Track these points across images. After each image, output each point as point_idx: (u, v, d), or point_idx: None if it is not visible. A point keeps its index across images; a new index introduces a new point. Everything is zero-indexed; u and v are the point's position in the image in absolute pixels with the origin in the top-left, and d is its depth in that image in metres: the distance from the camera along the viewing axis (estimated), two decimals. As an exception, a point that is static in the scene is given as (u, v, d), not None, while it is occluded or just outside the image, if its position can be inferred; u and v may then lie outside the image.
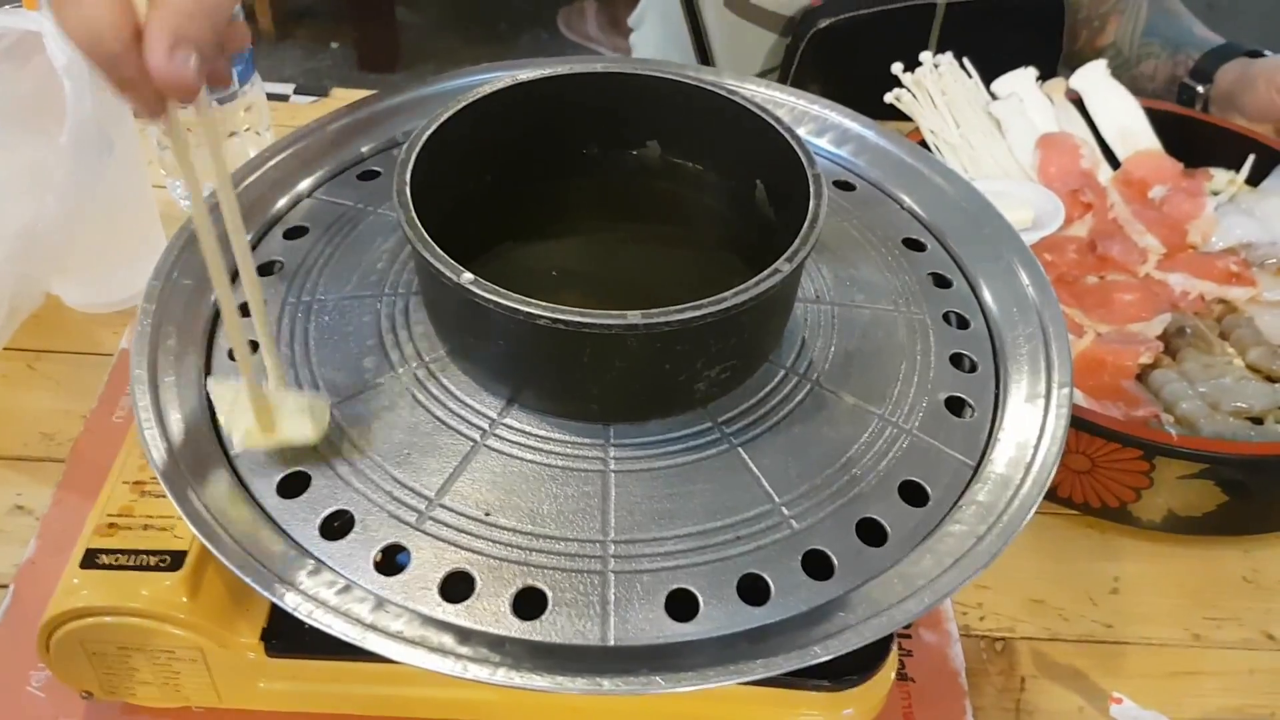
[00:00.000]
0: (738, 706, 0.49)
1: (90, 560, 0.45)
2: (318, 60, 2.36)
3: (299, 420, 0.41)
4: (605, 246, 0.54)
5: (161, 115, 0.36)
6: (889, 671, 0.50)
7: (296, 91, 0.93)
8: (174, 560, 0.45)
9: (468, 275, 0.39)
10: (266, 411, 0.41)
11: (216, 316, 0.48)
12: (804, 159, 0.45)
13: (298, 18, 2.44)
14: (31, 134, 0.59)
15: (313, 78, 2.26)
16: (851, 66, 0.91)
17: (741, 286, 0.40)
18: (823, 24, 1.01)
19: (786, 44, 1.05)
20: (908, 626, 0.56)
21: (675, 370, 0.42)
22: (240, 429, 0.41)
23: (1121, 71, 0.97)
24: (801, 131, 0.57)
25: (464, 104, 0.47)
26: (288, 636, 0.47)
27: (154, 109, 0.36)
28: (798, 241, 0.41)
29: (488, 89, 0.48)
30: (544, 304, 0.38)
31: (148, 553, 0.46)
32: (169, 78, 0.34)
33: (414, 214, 0.42)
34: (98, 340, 0.70)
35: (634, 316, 0.38)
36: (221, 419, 0.42)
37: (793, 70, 1.04)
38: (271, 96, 0.91)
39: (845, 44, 1.01)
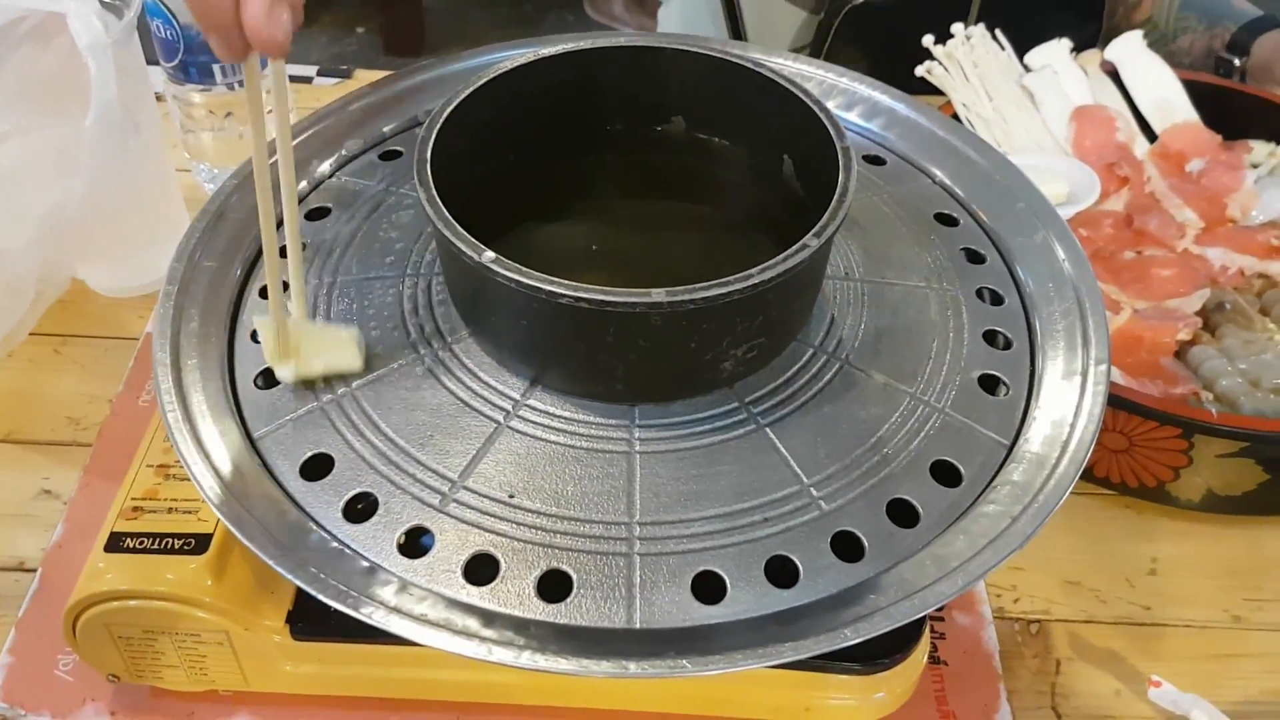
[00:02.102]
0: (767, 689, 0.48)
1: (115, 544, 0.45)
2: (343, 45, 2.36)
3: (345, 350, 0.43)
4: (630, 224, 0.53)
5: (243, 60, 0.37)
6: (921, 655, 0.49)
7: (319, 73, 0.93)
8: (199, 543, 0.45)
9: (489, 254, 0.39)
10: (310, 342, 0.43)
11: (239, 298, 0.48)
12: (833, 132, 0.44)
13: (323, 3, 2.44)
14: (55, 116, 0.58)
15: (338, 63, 2.26)
16: (887, 44, 0.89)
17: (768, 263, 0.39)
18: (859, 0, 0.99)
19: (819, 20, 1.03)
20: (940, 609, 0.55)
21: (701, 349, 0.41)
22: (289, 360, 0.42)
23: (1159, 46, 0.95)
24: (830, 105, 0.55)
25: (485, 81, 0.46)
26: (313, 619, 0.47)
27: (239, 57, 0.37)
28: (826, 216, 0.40)
29: (509, 65, 0.47)
30: (566, 282, 0.38)
31: (172, 536, 0.45)
32: (266, 36, 0.35)
33: (435, 192, 0.41)
34: (123, 324, 0.70)
35: (658, 294, 0.38)
36: (267, 352, 0.43)
37: (825, 48, 1.02)
38: (294, 78, 0.91)
39: (882, 21, 0.98)
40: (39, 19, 0.58)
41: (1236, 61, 0.93)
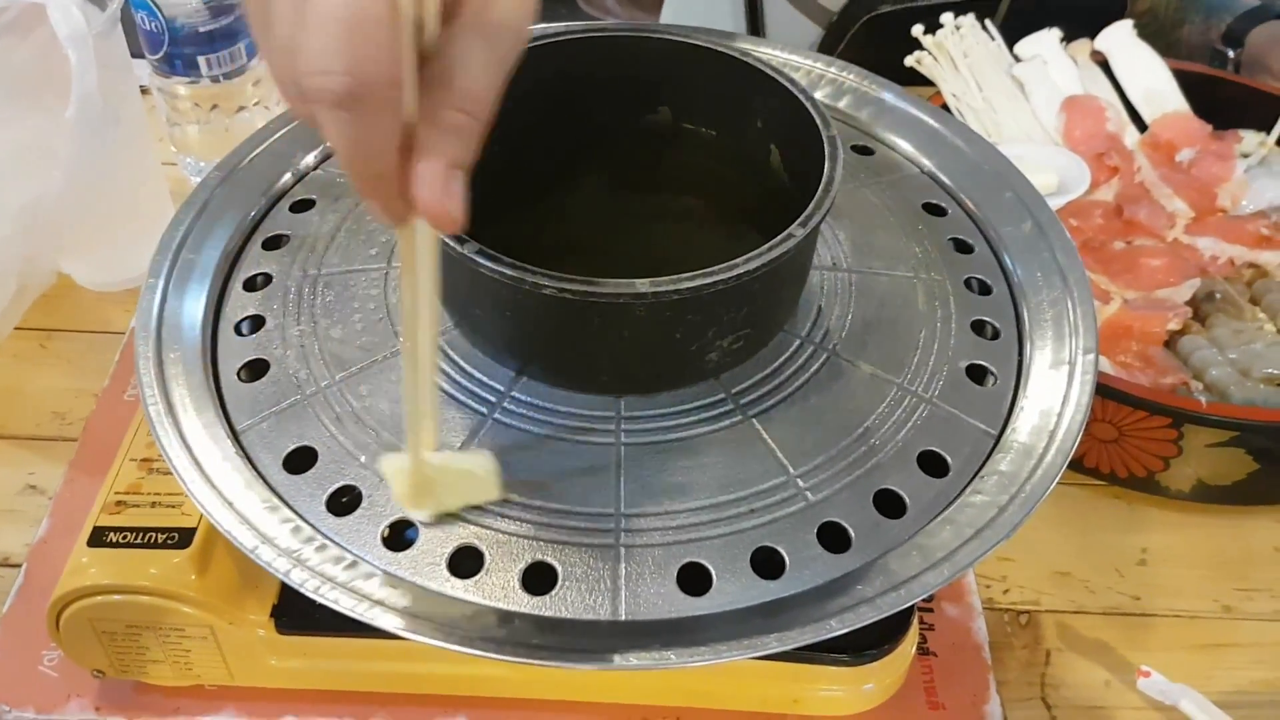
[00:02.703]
0: (755, 681, 0.48)
1: (98, 538, 0.45)
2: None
3: (484, 485, 0.39)
4: (616, 215, 0.53)
5: (403, 225, 0.32)
6: (909, 645, 0.49)
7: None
8: (182, 537, 0.45)
9: (471, 245, 0.38)
10: (445, 478, 0.39)
11: (223, 291, 0.48)
12: (819, 122, 0.43)
13: None
14: (35, 108, 0.58)
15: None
16: (903, 55, 0.86)
17: (753, 253, 0.38)
18: (883, 9, 0.96)
19: (831, 25, 1.00)
20: (929, 600, 0.55)
21: (686, 340, 0.41)
22: (426, 503, 0.39)
23: (1158, 37, 0.94)
24: (819, 95, 0.55)
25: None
26: (298, 613, 0.47)
27: (400, 222, 0.32)
28: (811, 206, 0.40)
29: (492, 55, 0.47)
30: (549, 273, 0.37)
31: (156, 530, 0.45)
32: (441, 211, 0.30)
33: (417, 182, 0.40)
34: (109, 319, 0.69)
35: (642, 285, 0.37)
36: (399, 495, 0.39)
37: (838, 53, 1.00)
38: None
39: (901, 31, 0.94)
40: (19, 10, 0.57)
41: (1231, 53, 0.92)
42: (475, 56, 0.30)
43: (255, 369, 0.44)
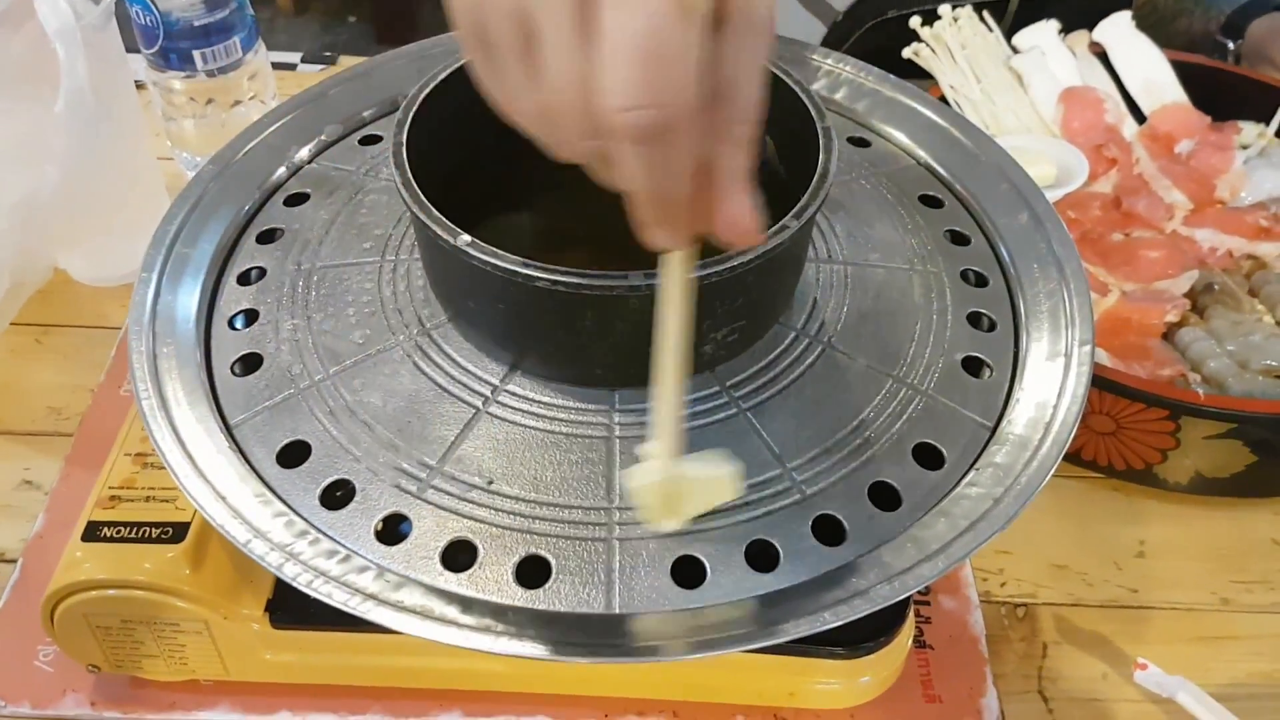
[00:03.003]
0: (751, 674, 0.48)
1: (92, 533, 0.45)
2: (334, 34, 2.35)
3: (727, 489, 0.38)
4: (613, 208, 0.52)
5: (684, 248, 0.32)
6: (905, 638, 0.49)
7: (303, 60, 0.92)
8: (176, 532, 0.45)
9: (465, 237, 0.38)
10: (689, 487, 0.38)
11: (217, 285, 0.47)
12: (814, 112, 0.43)
13: (315, -8, 2.43)
14: (26, 102, 0.58)
15: (330, 52, 2.25)
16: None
17: (747, 245, 0.38)
18: (892, 14, 0.95)
19: (836, 21, 0.99)
20: (926, 593, 0.55)
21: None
22: (677, 513, 0.38)
23: (1157, 28, 0.94)
24: (815, 87, 0.55)
25: (462, 63, 0.46)
26: (292, 608, 0.47)
27: (683, 245, 0.32)
28: (806, 197, 0.40)
29: (487, 46, 0.47)
30: (542, 265, 0.37)
31: (150, 525, 0.45)
32: (752, 229, 0.30)
33: (409, 175, 0.40)
34: (105, 314, 0.69)
35: (635, 277, 0.37)
36: (650, 511, 0.38)
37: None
38: (279, 65, 0.90)
39: (905, 38, 0.92)
40: (8, 3, 0.57)
41: (1231, 45, 0.92)
42: (748, 64, 0.29)
43: (249, 363, 0.44)
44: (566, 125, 0.29)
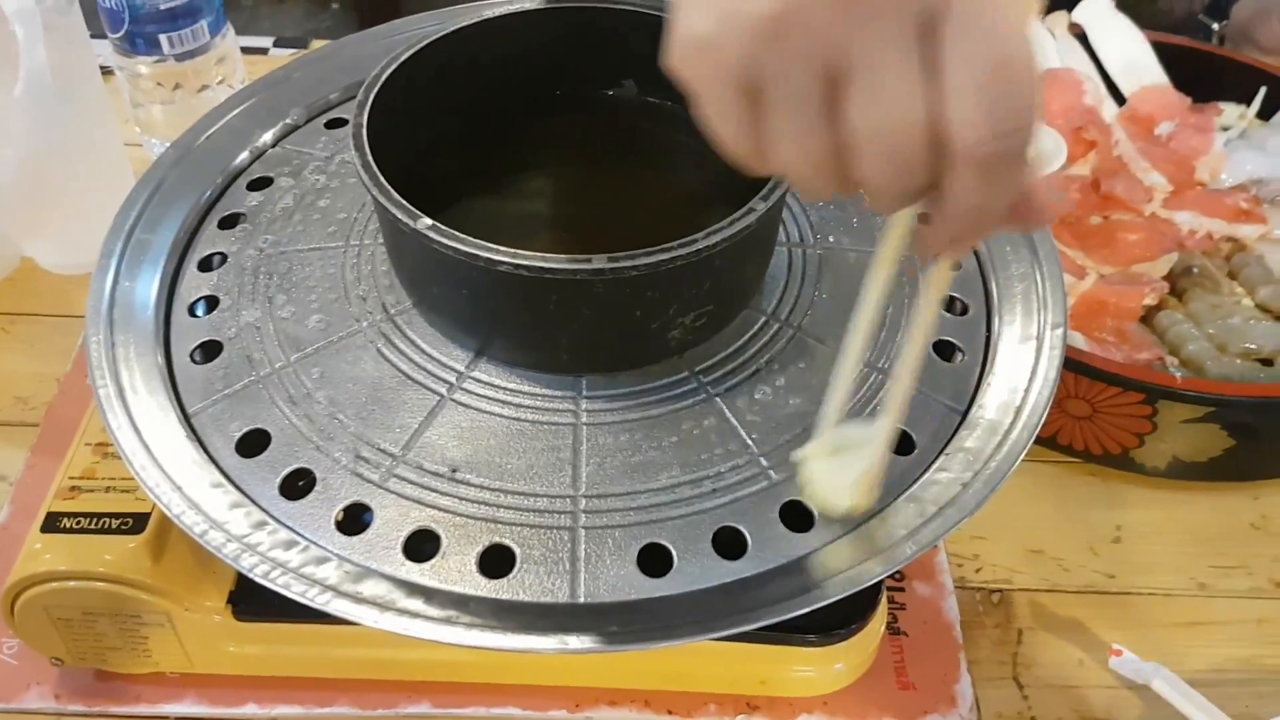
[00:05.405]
0: (722, 662, 0.48)
1: (52, 524, 0.44)
2: (318, 21, 2.33)
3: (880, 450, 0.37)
4: (581, 190, 0.52)
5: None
6: (878, 624, 0.48)
7: (275, 44, 0.91)
8: (136, 523, 0.44)
9: (425, 220, 0.37)
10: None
11: (178, 272, 0.47)
12: (782, 93, 0.42)
13: (297, -24, 2.40)
14: (-13, 86, 0.57)
15: (313, 39, 2.24)
16: None
17: (714, 227, 0.38)
18: None
19: None
20: (900, 579, 0.55)
21: (647, 318, 0.40)
22: (846, 495, 0.37)
23: (1138, 9, 0.93)
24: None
25: (426, 43, 0.45)
26: (255, 600, 0.46)
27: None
28: (773, 179, 0.39)
29: (452, 26, 0.46)
30: (504, 249, 0.37)
31: (110, 515, 0.44)
32: (1044, 220, 0.30)
33: (369, 157, 0.40)
34: (72, 302, 0.68)
35: (599, 261, 0.37)
36: (822, 495, 0.38)
37: None
38: (250, 49, 0.88)
39: None
40: (-35, -12, 0.56)
41: (1215, 26, 0.91)
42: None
43: (208, 350, 0.43)
44: (896, 165, 0.28)
